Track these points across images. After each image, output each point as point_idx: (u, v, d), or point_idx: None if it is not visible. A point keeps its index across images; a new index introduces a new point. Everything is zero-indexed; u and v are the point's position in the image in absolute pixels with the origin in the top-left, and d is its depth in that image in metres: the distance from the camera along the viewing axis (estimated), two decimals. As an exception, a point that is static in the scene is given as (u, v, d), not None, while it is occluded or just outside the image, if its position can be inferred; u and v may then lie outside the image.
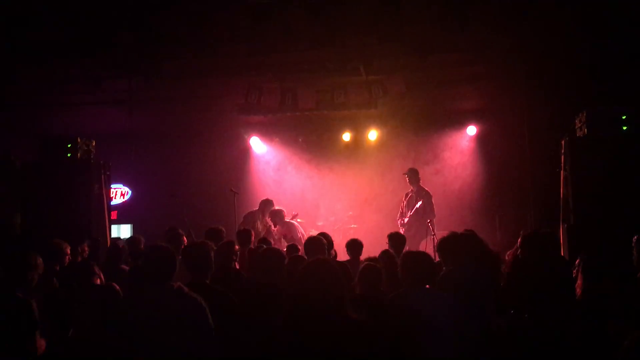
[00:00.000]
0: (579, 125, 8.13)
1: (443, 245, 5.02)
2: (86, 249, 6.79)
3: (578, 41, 8.35)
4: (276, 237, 9.44)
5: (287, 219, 9.93)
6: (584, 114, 7.99)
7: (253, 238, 7.16)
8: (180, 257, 4.29)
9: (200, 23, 8.06)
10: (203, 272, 4.26)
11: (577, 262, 5.11)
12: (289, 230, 9.61)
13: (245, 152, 13.15)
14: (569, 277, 5.16)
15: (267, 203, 10.07)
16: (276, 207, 10.02)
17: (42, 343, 4.00)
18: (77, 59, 8.62)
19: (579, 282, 4.99)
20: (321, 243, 5.73)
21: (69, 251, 5.87)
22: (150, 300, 3.59)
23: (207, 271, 4.30)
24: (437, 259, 5.60)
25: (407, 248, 6.98)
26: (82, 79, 9.46)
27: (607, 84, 8.96)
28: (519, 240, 5.93)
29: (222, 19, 8.04)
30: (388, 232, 6.77)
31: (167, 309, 3.53)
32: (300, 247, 6.93)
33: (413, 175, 10.47)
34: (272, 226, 9.74)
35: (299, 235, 9.48)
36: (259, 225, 9.78)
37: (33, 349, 3.94)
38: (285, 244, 8.79)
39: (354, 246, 6.41)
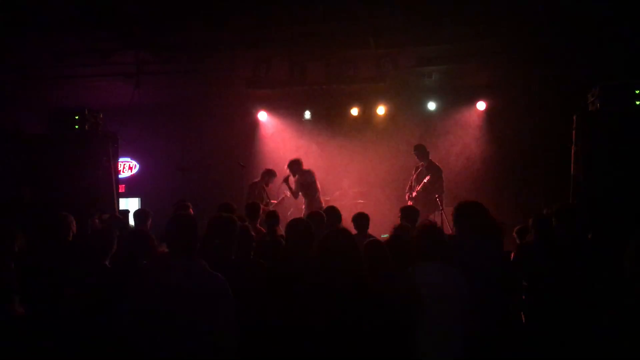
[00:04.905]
0: (592, 100, 8.04)
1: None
2: (97, 222, 6.80)
3: (591, 15, 8.19)
4: (295, 187, 10.08)
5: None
6: (597, 89, 7.89)
7: (261, 211, 7.15)
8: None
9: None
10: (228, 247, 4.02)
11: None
12: (307, 176, 10.05)
13: (253, 126, 13.10)
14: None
15: (269, 173, 10.28)
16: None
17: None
18: (84, 31, 8.53)
19: None
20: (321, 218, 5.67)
21: (74, 224, 5.89)
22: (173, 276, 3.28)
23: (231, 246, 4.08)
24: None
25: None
26: (89, 52, 9.37)
27: (620, 58, 8.82)
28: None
29: (230, -10, 7.93)
30: (395, 207, 6.71)
31: (188, 287, 3.24)
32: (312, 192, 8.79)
33: (420, 151, 10.37)
34: (292, 176, 10.16)
35: (314, 179, 10.04)
36: (265, 196, 9.97)
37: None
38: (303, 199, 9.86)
39: (361, 220, 6.36)
